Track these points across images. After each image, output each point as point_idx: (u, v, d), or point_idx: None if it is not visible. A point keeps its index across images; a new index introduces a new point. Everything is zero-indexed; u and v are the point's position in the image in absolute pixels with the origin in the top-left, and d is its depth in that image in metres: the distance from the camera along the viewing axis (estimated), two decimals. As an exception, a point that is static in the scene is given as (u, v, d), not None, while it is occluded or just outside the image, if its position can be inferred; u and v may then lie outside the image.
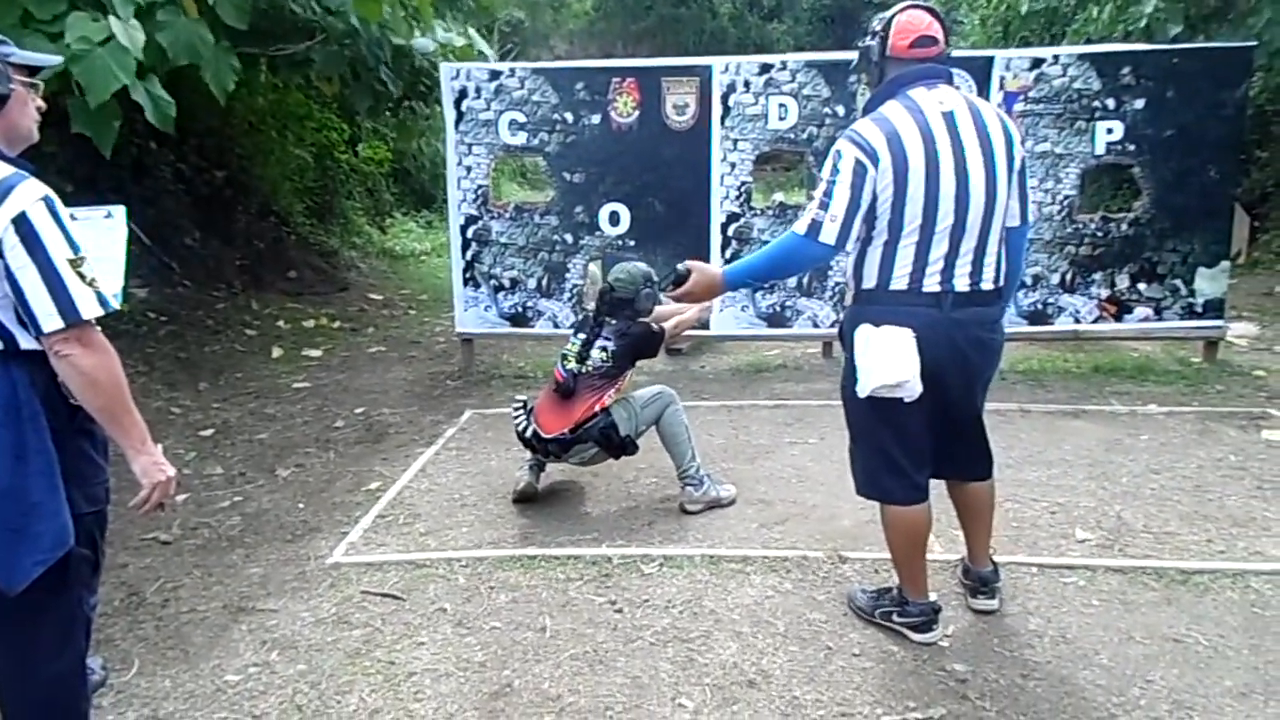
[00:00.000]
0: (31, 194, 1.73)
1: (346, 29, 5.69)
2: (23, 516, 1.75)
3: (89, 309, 1.75)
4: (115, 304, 1.87)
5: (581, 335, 3.51)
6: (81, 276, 1.75)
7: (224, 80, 4.60)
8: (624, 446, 3.41)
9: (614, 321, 3.48)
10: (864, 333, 2.36)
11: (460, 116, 5.44)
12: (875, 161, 2.27)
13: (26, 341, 1.77)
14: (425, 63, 6.75)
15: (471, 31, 7.06)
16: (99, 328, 1.80)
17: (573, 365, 3.44)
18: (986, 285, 2.38)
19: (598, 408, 3.39)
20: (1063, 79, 5.12)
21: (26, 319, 1.73)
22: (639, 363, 3.67)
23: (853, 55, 2.62)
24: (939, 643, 2.51)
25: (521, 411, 3.52)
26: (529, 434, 3.47)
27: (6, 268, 1.70)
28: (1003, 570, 2.75)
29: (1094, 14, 8.69)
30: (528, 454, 3.62)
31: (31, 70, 1.88)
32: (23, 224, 1.70)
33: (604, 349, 3.43)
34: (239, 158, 8.69)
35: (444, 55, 6.64)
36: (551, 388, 3.52)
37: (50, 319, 1.71)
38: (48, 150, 5.21)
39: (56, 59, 2.02)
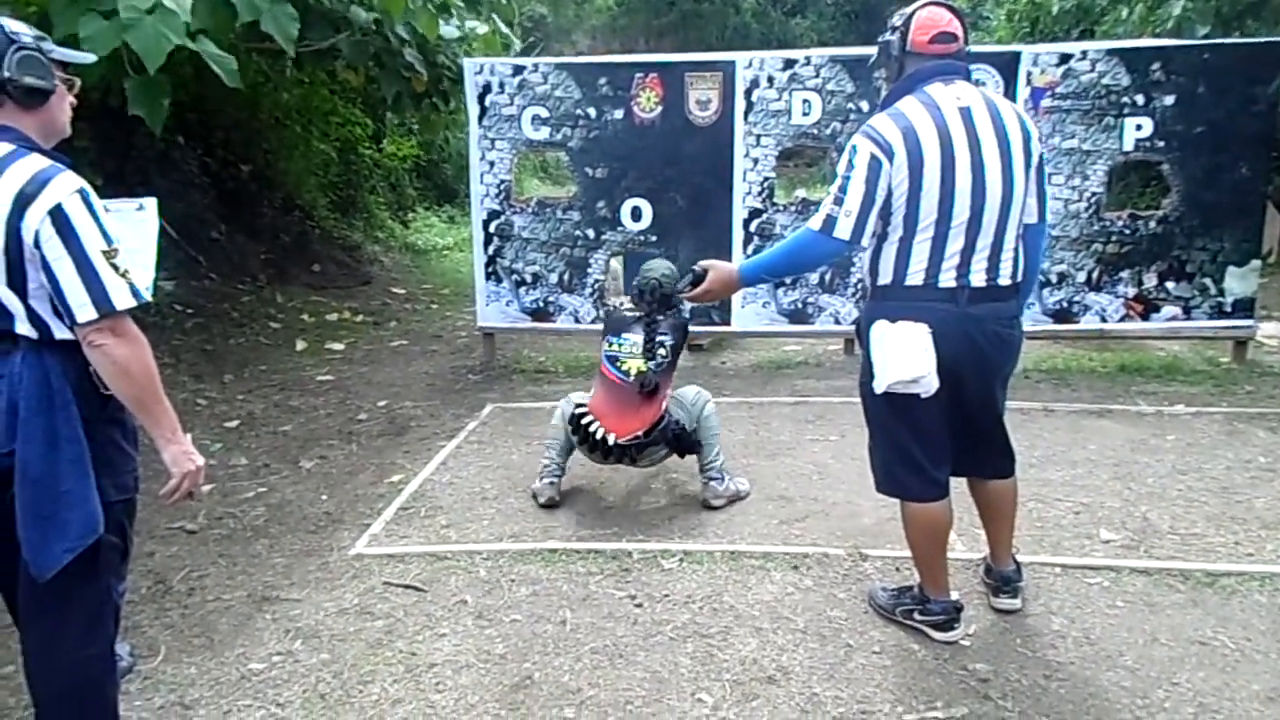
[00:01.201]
0: (67, 186, 1.76)
1: (370, 15, 5.68)
2: (53, 504, 1.78)
3: (122, 300, 1.77)
4: (147, 295, 1.90)
5: (628, 335, 3.45)
6: (115, 268, 1.77)
7: (287, 29, 4.49)
8: (692, 446, 3.40)
9: (661, 317, 3.47)
10: (880, 328, 2.35)
11: (484, 111, 5.46)
12: (890, 157, 2.27)
13: (60, 331, 1.80)
14: (446, 57, 6.77)
15: (496, 18, 7.06)
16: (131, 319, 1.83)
17: (642, 364, 3.37)
18: (1004, 281, 2.36)
19: (663, 407, 3.36)
20: (1091, 74, 5.05)
21: (61, 309, 1.76)
22: None
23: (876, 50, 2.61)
24: (960, 642, 2.50)
25: (590, 414, 3.37)
26: (606, 438, 3.29)
27: (43, 259, 1.73)
28: (1025, 570, 2.74)
29: (1123, 14, 8.56)
30: (546, 454, 3.56)
31: (65, 66, 1.92)
32: (59, 216, 1.72)
33: (663, 344, 3.43)
34: (264, 152, 8.77)
35: (467, 47, 6.66)
36: (606, 390, 3.42)
37: (84, 309, 1.74)
38: (79, 145, 5.29)
39: (90, 56, 2.05)
